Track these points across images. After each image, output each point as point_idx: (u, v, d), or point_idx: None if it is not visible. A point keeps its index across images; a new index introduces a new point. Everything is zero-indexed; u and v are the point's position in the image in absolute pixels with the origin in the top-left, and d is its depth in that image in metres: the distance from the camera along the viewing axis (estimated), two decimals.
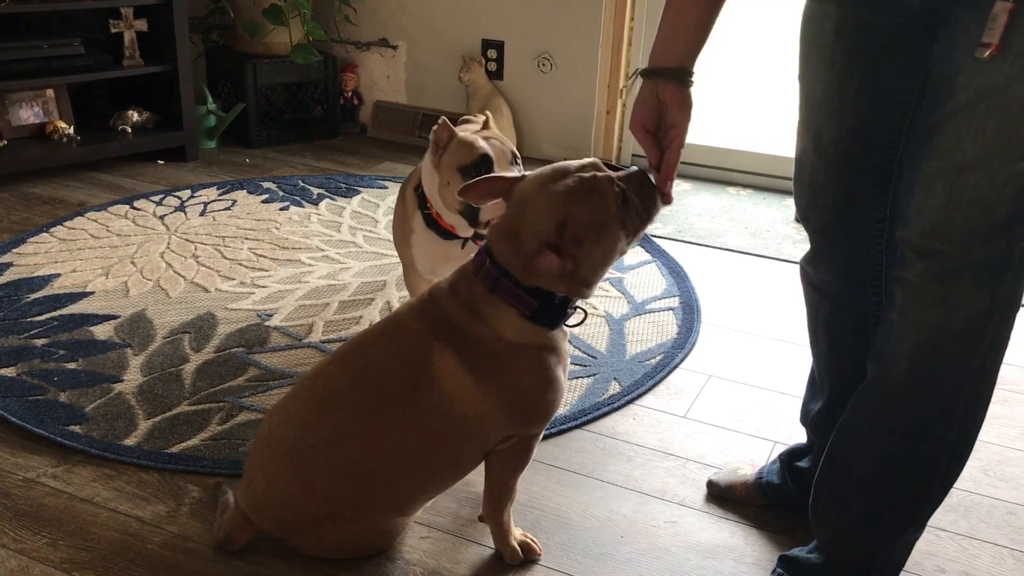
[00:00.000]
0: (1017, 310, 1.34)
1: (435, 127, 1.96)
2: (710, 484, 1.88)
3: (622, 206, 1.40)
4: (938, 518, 1.78)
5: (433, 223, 2.06)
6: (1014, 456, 2.02)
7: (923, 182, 1.30)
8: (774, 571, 1.62)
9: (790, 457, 1.82)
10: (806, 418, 1.76)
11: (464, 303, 1.47)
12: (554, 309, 1.46)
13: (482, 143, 1.94)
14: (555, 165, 1.45)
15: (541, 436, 1.58)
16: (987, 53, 1.20)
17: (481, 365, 1.46)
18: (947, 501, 1.77)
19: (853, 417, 1.49)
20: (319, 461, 1.47)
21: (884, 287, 1.51)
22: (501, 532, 1.63)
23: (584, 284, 1.45)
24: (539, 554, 1.65)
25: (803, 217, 1.60)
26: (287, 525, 1.54)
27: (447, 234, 2.06)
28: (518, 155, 1.99)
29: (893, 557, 1.52)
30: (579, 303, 1.51)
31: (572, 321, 1.53)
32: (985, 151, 1.22)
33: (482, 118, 2.11)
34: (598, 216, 1.39)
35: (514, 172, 1.85)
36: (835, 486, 1.53)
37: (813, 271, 1.63)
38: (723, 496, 1.85)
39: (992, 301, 1.31)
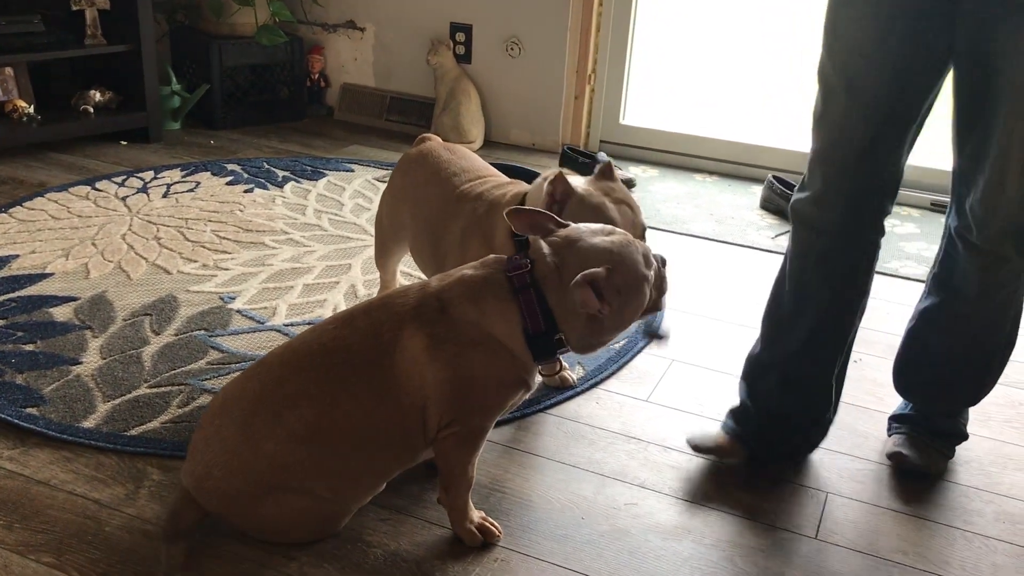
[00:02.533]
0: None
1: (551, 180, 1.74)
2: (694, 447, 1.94)
3: (649, 271, 1.52)
4: (893, 502, 1.81)
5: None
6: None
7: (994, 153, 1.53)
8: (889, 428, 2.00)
9: (750, 374, 1.95)
10: (771, 320, 1.93)
11: (469, 287, 1.50)
12: (550, 343, 1.49)
13: (611, 208, 1.75)
14: (596, 225, 1.55)
15: (487, 431, 1.58)
16: None
17: (446, 349, 1.47)
18: (903, 487, 1.82)
19: (923, 327, 1.87)
20: (274, 422, 1.48)
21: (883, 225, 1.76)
22: (457, 516, 1.64)
23: (600, 336, 1.51)
24: (498, 536, 1.66)
25: (823, 156, 1.68)
26: (231, 500, 1.53)
27: None
28: (646, 228, 1.82)
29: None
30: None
31: (546, 369, 1.58)
32: None
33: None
34: (637, 273, 1.49)
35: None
36: (913, 370, 1.94)
37: (816, 211, 1.72)
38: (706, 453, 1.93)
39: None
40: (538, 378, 1.63)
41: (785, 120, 4.13)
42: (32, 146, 3.57)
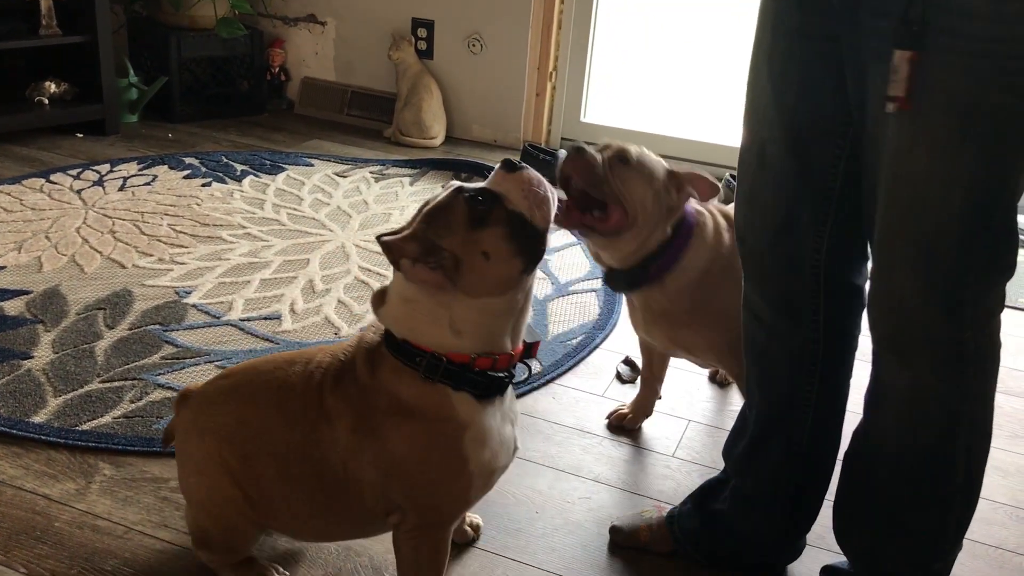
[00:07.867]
0: (991, 398, 1.28)
1: (392, 253, 1.20)
2: (613, 531, 1.68)
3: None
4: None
5: (480, 383, 1.28)
6: None
7: (875, 241, 1.23)
8: None
9: (703, 497, 1.63)
10: (729, 455, 1.61)
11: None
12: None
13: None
14: None
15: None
16: (893, 107, 1.09)
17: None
18: None
19: (857, 452, 1.42)
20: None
21: (822, 325, 1.41)
22: None
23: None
24: None
25: (739, 237, 1.45)
26: None
27: (502, 382, 1.32)
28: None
29: None
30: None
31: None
32: (905, 217, 1.16)
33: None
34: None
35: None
36: (854, 511, 1.45)
37: (750, 296, 1.47)
38: (626, 544, 1.66)
39: (961, 394, 1.25)
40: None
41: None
42: None
